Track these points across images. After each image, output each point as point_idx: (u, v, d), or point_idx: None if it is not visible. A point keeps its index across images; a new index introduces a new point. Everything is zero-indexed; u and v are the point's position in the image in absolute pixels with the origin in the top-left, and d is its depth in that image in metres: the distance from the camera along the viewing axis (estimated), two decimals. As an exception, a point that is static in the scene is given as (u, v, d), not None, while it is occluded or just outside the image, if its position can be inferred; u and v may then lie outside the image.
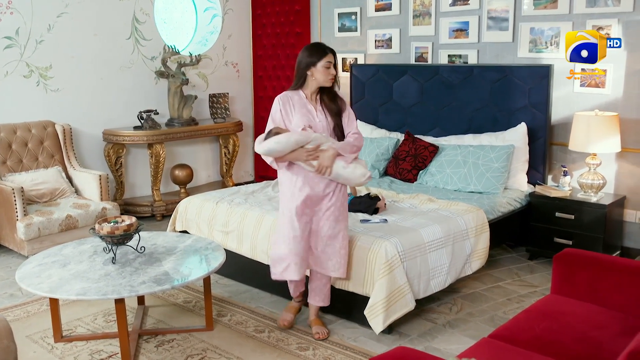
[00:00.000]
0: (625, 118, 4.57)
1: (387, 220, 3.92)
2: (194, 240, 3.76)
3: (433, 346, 3.42)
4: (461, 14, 5.43)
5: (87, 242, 3.74)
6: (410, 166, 5.14)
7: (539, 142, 4.92)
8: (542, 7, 4.92)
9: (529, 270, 4.59)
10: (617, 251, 4.64)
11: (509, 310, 3.88)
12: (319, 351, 3.34)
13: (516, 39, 5.10)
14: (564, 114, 4.89)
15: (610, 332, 2.45)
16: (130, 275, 3.13)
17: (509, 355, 2.32)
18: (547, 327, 2.53)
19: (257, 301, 4.08)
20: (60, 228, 4.77)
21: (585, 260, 2.90)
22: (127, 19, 6.15)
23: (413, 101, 5.66)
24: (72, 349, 3.39)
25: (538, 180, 4.94)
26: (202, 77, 6.87)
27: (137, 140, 5.88)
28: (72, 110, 5.79)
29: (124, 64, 6.18)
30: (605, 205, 4.38)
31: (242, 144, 7.17)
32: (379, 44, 6.08)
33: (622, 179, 4.70)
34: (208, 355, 3.31)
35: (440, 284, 3.80)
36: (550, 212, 4.60)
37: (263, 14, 7.08)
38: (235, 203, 4.42)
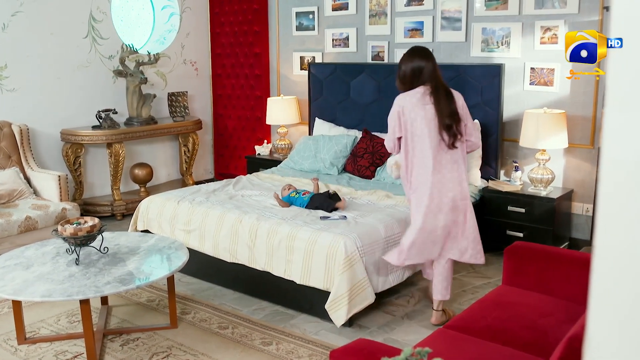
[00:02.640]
0: (571, 115, 4.78)
1: (347, 217, 4.04)
2: (157, 240, 3.81)
3: (392, 337, 3.55)
4: (416, 14, 5.57)
5: (49, 243, 3.75)
6: (368, 163, 5.27)
7: (491, 139, 5.10)
8: (493, 8, 5.10)
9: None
10: (565, 242, 4.86)
11: (464, 301, 4.04)
12: (282, 346, 3.43)
13: (469, 38, 5.28)
14: (514, 111, 5.09)
15: (556, 319, 2.61)
16: (94, 276, 3.17)
17: (462, 343, 2.46)
18: (498, 316, 2.68)
19: (220, 298, 4.15)
20: (19, 229, 4.74)
21: (534, 253, 3.07)
22: (83, 17, 6.11)
23: (370, 99, 5.78)
24: (37, 351, 3.41)
25: (491, 176, 5.12)
26: (161, 76, 6.86)
27: (96, 140, 5.86)
28: (28, 110, 5.74)
29: (81, 63, 6.14)
30: (554, 199, 4.59)
31: (202, 142, 7.20)
32: (337, 43, 6.19)
33: (570, 174, 4.92)
34: (173, 352, 3.37)
35: (398, 277, 3.93)
36: (503, 206, 4.79)
37: (221, 13, 7.11)
38: (197, 202, 4.48)
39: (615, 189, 1.12)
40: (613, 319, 1.17)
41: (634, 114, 1.08)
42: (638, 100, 1.08)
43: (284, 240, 3.82)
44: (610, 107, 1.11)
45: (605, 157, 1.12)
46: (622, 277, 1.13)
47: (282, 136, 6.46)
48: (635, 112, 1.08)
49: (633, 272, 1.11)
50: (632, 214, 1.10)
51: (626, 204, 1.11)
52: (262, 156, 6.51)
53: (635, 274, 1.10)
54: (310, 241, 3.71)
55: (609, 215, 1.13)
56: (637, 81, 1.08)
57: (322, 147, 5.60)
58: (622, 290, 1.13)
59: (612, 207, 1.13)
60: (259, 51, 6.82)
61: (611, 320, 1.17)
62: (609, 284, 1.16)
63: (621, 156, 1.09)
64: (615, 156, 1.10)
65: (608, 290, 1.16)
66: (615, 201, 1.12)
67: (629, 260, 1.11)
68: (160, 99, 6.72)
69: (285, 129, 6.47)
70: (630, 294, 1.12)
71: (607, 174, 1.12)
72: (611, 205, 1.13)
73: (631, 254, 1.10)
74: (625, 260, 1.12)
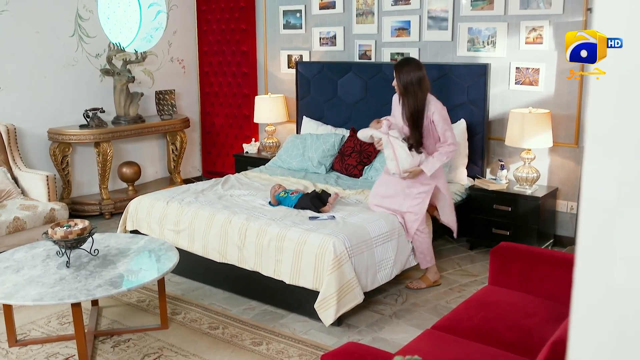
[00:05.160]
0: (556, 114, 4.85)
1: (335, 217, 4.08)
2: (147, 241, 3.84)
3: (380, 336, 3.60)
4: (402, 13, 5.61)
5: (38, 245, 3.76)
6: (356, 162, 5.31)
7: (477, 138, 5.15)
8: (479, 8, 5.15)
9: (470, 260, 4.83)
10: (550, 239, 4.94)
11: (451, 299, 4.10)
12: (272, 345, 3.48)
13: (455, 38, 5.33)
14: (500, 111, 5.15)
15: (539, 319, 2.67)
16: (85, 279, 3.19)
17: (449, 344, 2.51)
18: (484, 316, 2.74)
19: (210, 298, 4.19)
20: (7, 230, 4.73)
21: (519, 253, 3.13)
22: (70, 16, 6.09)
23: (357, 98, 5.82)
24: (28, 353, 3.43)
25: (477, 174, 5.18)
26: (148, 74, 6.86)
27: (83, 139, 5.86)
28: (15, 109, 5.72)
29: (68, 61, 6.12)
30: (539, 197, 4.66)
31: (190, 140, 7.21)
32: (324, 42, 6.22)
33: (555, 172, 4.99)
34: (164, 353, 3.40)
35: (386, 276, 3.99)
36: (489, 204, 4.85)
37: (208, 10, 7.11)
38: (186, 202, 4.50)
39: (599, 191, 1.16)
40: (595, 322, 1.21)
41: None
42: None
43: (273, 241, 3.86)
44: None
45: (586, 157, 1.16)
46: (603, 280, 1.17)
47: (270, 134, 6.49)
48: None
49: (614, 272, 1.15)
50: (614, 214, 1.14)
51: (609, 207, 1.15)
52: (250, 154, 6.54)
53: (617, 274, 1.14)
54: (299, 241, 3.75)
55: (591, 217, 1.17)
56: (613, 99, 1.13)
57: (309, 146, 5.64)
58: (603, 292, 1.17)
59: (594, 209, 1.17)
60: (246, 49, 6.83)
61: (593, 324, 1.21)
62: (591, 286, 1.20)
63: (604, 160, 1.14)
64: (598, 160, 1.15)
65: (590, 293, 1.20)
66: (597, 203, 1.16)
67: (610, 262, 1.15)
68: (148, 97, 6.72)
69: (273, 127, 6.50)
70: (612, 295, 1.16)
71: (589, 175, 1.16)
72: (593, 207, 1.17)
73: (612, 255, 1.14)
74: (608, 262, 1.16)
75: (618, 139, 1.12)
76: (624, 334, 1.14)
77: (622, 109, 1.13)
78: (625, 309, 1.12)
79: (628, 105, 1.12)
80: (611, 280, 1.12)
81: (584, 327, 1.23)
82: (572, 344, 1.24)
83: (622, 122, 1.13)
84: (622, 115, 1.13)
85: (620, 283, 1.11)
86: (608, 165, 1.13)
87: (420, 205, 4.13)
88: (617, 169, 1.12)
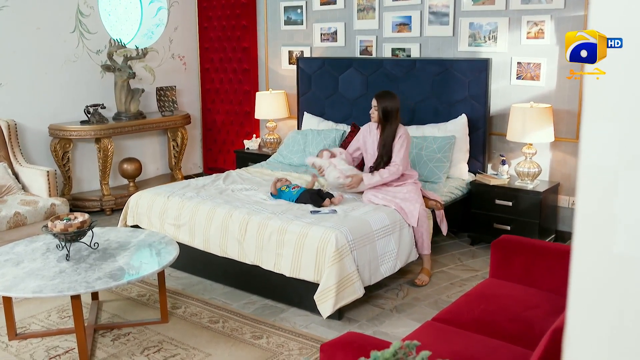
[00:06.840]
0: (558, 109, 4.84)
1: (337, 211, 4.07)
2: (147, 235, 3.83)
3: (381, 330, 3.59)
4: (404, 8, 5.60)
5: (38, 239, 3.75)
6: (357, 157, 5.30)
7: (478, 133, 5.14)
8: (480, 3, 5.13)
9: (471, 255, 4.82)
10: (552, 235, 4.92)
11: (451, 294, 4.09)
12: (273, 339, 3.47)
13: (456, 33, 5.31)
14: (501, 106, 5.14)
15: (541, 311, 2.66)
16: (85, 272, 3.19)
17: (450, 336, 2.50)
18: (485, 309, 2.73)
19: (210, 292, 4.18)
20: (8, 225, 4.73)
21: (520, 246, 3.11)
22: (70, 12, 6.08)
23: (358, 93, 5.81)
24: (28, 346, 3.43)
25: (478, 169, 5.17)
26: (149, 70, 6.85)
27: (84, 135, 5.85)
28: (16, 105, 5.71)
29: (69, 57, 6.11)
30: (541, 192, 4.64)
31: (190, 136, 7.20)
32: (325, 37, 6.20)
33: (556, 167, 4.98)
34: (164, 347, 3.40)
35: (390, 269, 3.96)
36: (490, 199, 4.84)
37: (209, 7, 7.10)
38: (187, 197, 4.49)
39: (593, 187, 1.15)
40: (592, 311, 1.20)
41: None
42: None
43: (274, 234, 3.84)
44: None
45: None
46: (604, 247, 1.15)
47: (270, 130, 6.48)
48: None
49: (610, 267, 1.14)
50: (610, 211, 1.13)
51: (603, 201, 1.14)
52: (251, 150, 6.53)
53: (617, 240, 1.13)
54: (301, 235, 3.73)
55: (587, 213, 1.17)
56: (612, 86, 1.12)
57: (310, 142, 5.63)
58: (604, 259, 1.16)
59: (590, 205, 1.16)
60: (247, 45, 6.82)
61: (590, 313, 1.20)
62: (587, 277, 1.19)
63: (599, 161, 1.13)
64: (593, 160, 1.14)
65: (586, 284, 1.19)
66: (593, 198, 1.15)
67: (611, 229, 1.13)
68: (149, 94, 6.71)
69: (274, 124, 6.49)
70: (612, 262, 1.15)
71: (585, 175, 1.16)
72: (589, 203, 1.16)
73: (609, 250, 1.14)
74: (603, 257, 1.15)
75: (616, 105, 1.12)
76: (625, 302, 1.13)
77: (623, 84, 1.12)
78: (626, 275, 1.11)
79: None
80: (612, 246, 1.11)
81: (583, 298, 1.22)
82: (571, 317, 1.22)
83: (621, 90, 1.12)
84: (620, 84, 1.12)
85: (621, 249, 1.10)
86: (607, 130, 1.13)
87: (413, 193, 4.24)
88: (617, 135, 1.12)
